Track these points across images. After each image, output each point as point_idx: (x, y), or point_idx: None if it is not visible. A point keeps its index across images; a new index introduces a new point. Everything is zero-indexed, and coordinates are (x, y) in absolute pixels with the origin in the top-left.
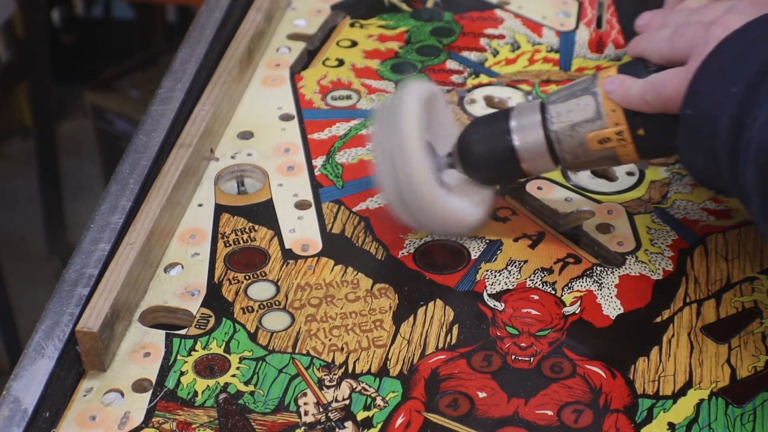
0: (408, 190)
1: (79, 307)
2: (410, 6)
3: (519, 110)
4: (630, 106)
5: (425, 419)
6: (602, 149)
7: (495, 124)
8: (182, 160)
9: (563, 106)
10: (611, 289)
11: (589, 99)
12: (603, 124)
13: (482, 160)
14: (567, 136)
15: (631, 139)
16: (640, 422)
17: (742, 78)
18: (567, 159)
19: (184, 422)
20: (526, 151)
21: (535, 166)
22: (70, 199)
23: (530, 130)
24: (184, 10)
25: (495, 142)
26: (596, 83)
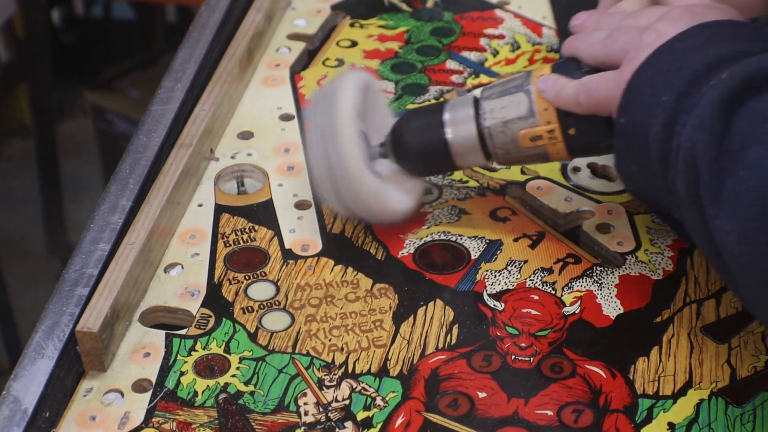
0: (340, 175)
1: (79, 307)
2: (410, 6)
3: (453, 104)
4: (562, 106)
5: (425, 419)
6: (533, 146)
7: (429, 117)
8: (182, 160)
9: (496, 102)
10: (611, 289)
11: (523, 97)
12: (535, 122)
13: (415, 152)
14: (499, 132)
15: (561, 137)
16: (640, 422)
17: (673, 87)
18: (498, 154)
19: (184, 422)
20: (458, 145)
21: (467, 159)
22: (70, 199)
23: (463, 125)
24: (184, 10)
25: (428, 134)
26: (530, 81)
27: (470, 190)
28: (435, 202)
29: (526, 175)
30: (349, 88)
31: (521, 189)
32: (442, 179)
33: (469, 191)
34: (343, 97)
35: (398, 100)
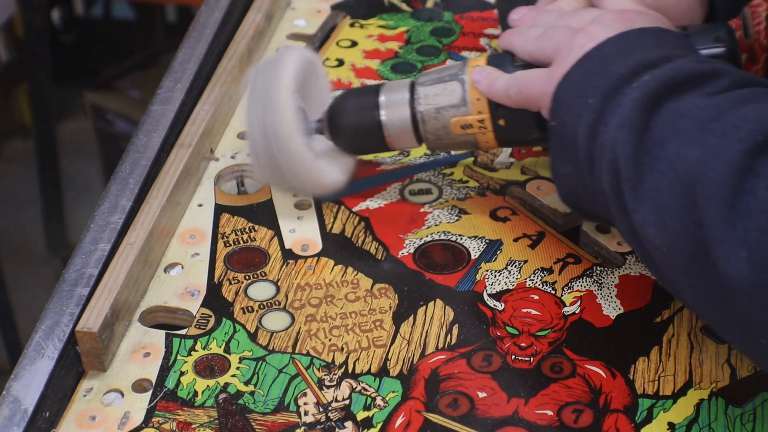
0: (276, 147)
1: (79, 307)
2: (410, 6)
3: (389, 87)
4: (493, 98)
5: (425, 419)
6: (464, 134)
7: (365, 98)
8: (182, 160)
9: (431, 88)
10: (611, 289)
11: (457, 85)
12: (467, 110)
13: (349, 130)
14: (432, 117)
15: (491, 128)
16: (640, 422)
17: (598, 90)
18: (430, 139)
19: (184, 422)
20: (391, 127)
21: (399, 141)
22: (70, 199)
23: (397, 108)
24: (184, 10)
25: (363, 114)
26: (465, 71)
27: (470, 190)
28: (435, 202)
29: (526, 175)
30: (290, 63)
31: (521, 189)
32: (442, 179)
33: (469, 191)
34: (283, 73)
35: None
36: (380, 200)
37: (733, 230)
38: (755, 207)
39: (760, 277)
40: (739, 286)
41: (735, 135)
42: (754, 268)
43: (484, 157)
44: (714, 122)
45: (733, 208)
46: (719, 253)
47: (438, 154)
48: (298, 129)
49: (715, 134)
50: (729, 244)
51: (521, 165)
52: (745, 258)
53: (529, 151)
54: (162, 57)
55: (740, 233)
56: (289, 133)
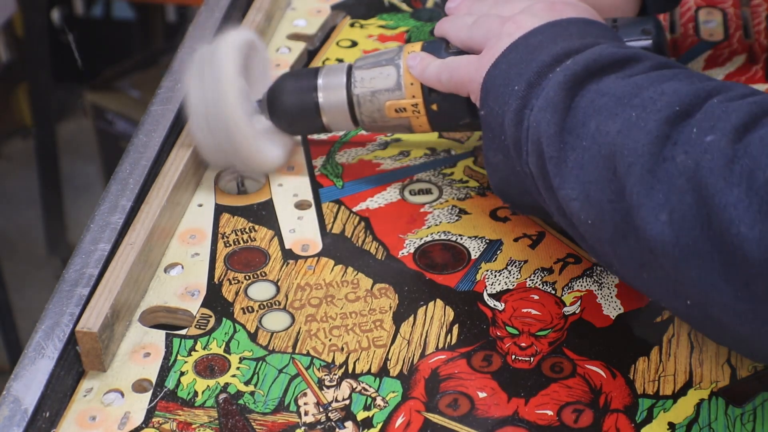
0: (217, 125)
1: (79, 307)
2: (410, 6)
3: (328, 70)
4: (426, 82)
5: (425, 419)
6: (398, 117)
7: (304, 80)
8: (182, 160)
9: (368, 72)
10: (611, 289)
11: (392, 70)
12: (401, 95)
13: (288, 111)
14: (367, 100)
15: (424, 112)
16: (640, 422)
17: (523, 77)
18: (365, 121)
19: (184, 422)
20: (328, 109)
21: (336, 123)
22: (70, 199)
23: (334, 90)
24: (184, 10)
25: (301, 96)
26: (400, 56)
27: (470, 190)
28: (435, 202)
29: None
30: (231, 44)
31: None
32: (442, 179)
33: (469, 191)
34: (225, 53)
35: None
36: (380, 200)
37: (653, 195)
38: (674, 171)
39: (680, 238)
40: (662, 249)
41: (653, 107)
42: (674, 229)
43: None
44: (633, 98)
45: (653, 175)
46: (641, 218)
47: (438, 155)
48: (240, 109)
49: (634, 108)
50: (650, 209)
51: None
52: (666, 221)
53: None
54: (162, 57)
55: (660, 197)
56: (231, 113)
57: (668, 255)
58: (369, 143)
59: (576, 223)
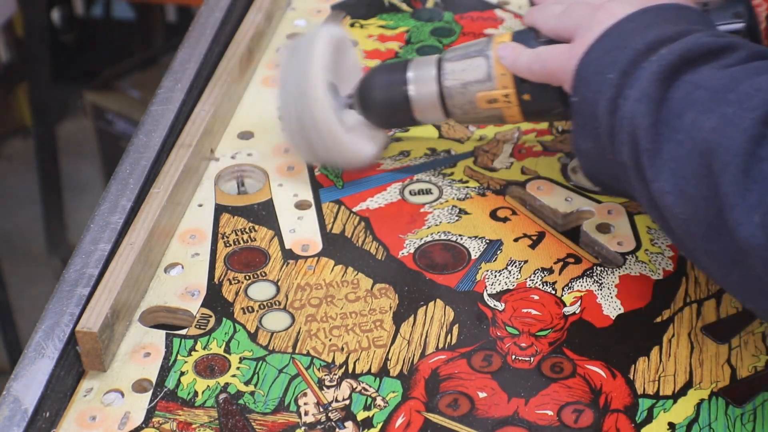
0: (308, 122)
1: (79, 307)
2: (410, 6)
3: (417, 63)
4: (517, 72)
5: (425, 419)
6: (489, 108)
7: (394, 74)
8: (182, 160)
9: (458, 64)
10: (611, 289)
11: (482, 61)
12: (492, 85)
13: (379, 105)
14: (458, 92)
15: (516, 102)
16: (640, 422)
17: (617, 66)
18: (456, 113)
19: (184, 422)
20: (419, 102)
21: (427, 116)
22: (70, 199)
23: (425, 83)
24: (184, 10)
25: (392, 89)
26: (490, 47)
27: (470, 190)
28: (435, 202)
29: (526, 175)
30: (321, 40)
31: (521, 189)
32: (442, 179)
33: (469, 191)
34: (315, 49)
35: None
36: (380, 200)
37: (747, 196)
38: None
39: None
40: (754, 251)
41: (749, 104)
42: (767, 232)
43: (484, 157)
44: (729, 92)
45: (747, 175)
46: (734, 218)
47: (438, 155)
48: (330, 104)
49: (730, 104)
50: (743, 209)
51: (521, 165)
52: (759, 223)
53: (529, 151)
54: (162, 57)
55: (754, 198)
56: (321, 108)
57: (759, 257)
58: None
59: (667, 216)
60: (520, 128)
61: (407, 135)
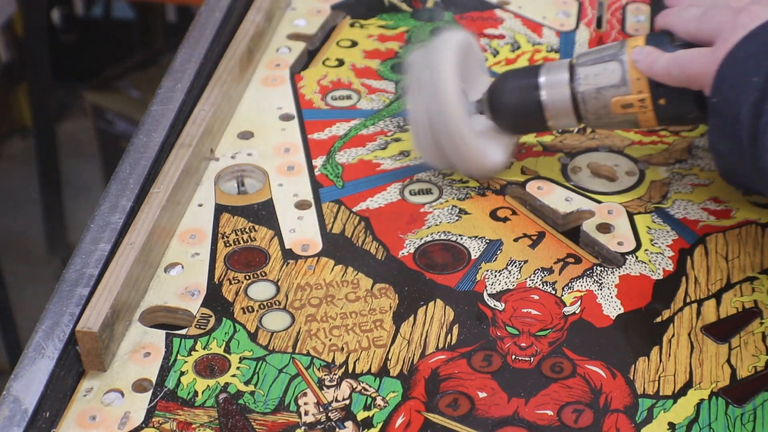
0: (439, 127)
1: (79, 307)
2: (410, 6)
3: (549, 68)
4: (654, 77)
5: (425, 419)
6: (624, 113)
7: (525, 79)
8: (182, 160)
9: (591, 69)
10: (611, 289)
11: (616, 65)
12: (627, 90)
13: (510, 110)
14: (592, 98)
15: (652, 107)
16: (640, 422)
17: (762, 69)
18: (590, 119)
19: (184, 422)
20: (552, 107)
21: (559, 121)
22: (70, 199)
23: (558, 88)
24: (184, 10)
25: (524, 95)
26: (624, 51)
27: (470, 190)
28: (435, 202)
29: (526, 175)
30: (451, 46)
31: (521, 189)
32: (442, 179)
33: (469, 191)
34: (445, 54)
35: (398, 100)
36: (380, 200)
37: None
38: None
39: None
40: None
41: None
42: None
43: None
44: None
45: None
46: None
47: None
48: (461, 110)
49: None
50: None
51: (521, 165)
52: None
53: (529, 151)
54: (162, 57)
55: None
56: (452, 113)
57: None
58: (369, 143)
59: None
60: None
61: (407, 135)
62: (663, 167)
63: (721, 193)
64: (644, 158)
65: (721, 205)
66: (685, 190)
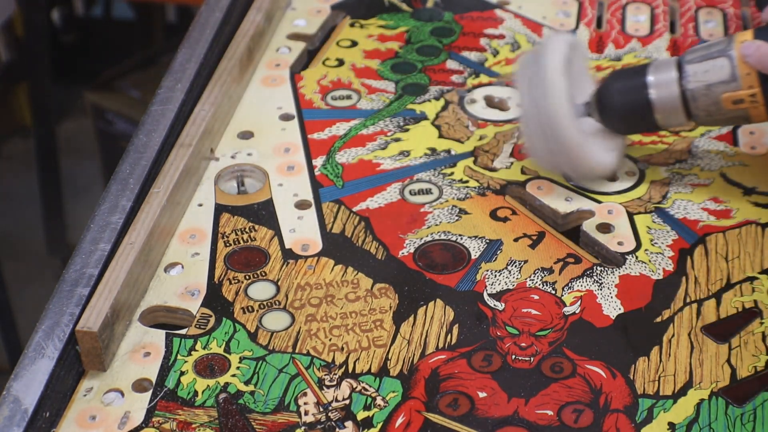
0: (549, 132)
1: (79, 307)
2: (410, 6)
3: (656, 66)
4: (765, 71)
5: (425, 419)
6: (735, 109)
7: (633, 79)
8: (182, 160)
9: (699, 66)
10: (611, 289)
11: (725, 61)
12: (737, 86)
13: (620, 111)
14: (702, 95)
15: (763, 101)
16: (640, 422)
17: None
18: (700, 116)
19: (184, 422)
20: (661, 106)
21: (669, 119)
22: (70, 199)
23: (667, 86)
24: (184, 10)
25: (633, 94)
26: (732, 46)
27: (470, 190)
28: (435, 202)
29: (526, 175)
30: (558, 50)
31: (521, 189)
32: (442, 179)
33: (469, 191)
34: (552, 57)
35: (398, 100)
36: (380, 200)
37: None
38: None
39: None
40: None
41: None
42: None
43: (484, 157)
44: None
45: None
46: None
47: (438, 155)
48: (570, 114)
49: None
50: None
51: (521, 165)
52: None
53: None
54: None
55: None
56: (562, 118)
57: None
58: (369, 143)
59: None
60: (520, 128)
61: (407, 135)
62: (663, 167)
63: (721, 193)
64: (644, 158)
65: (721, 205)
66: (685, 190)
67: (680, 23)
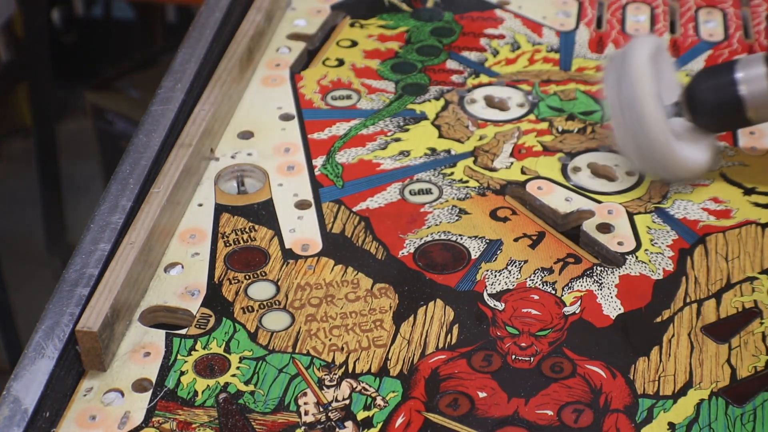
0: (641, 134)
1: (79, 307)
2: (410, 6)
3: (744, 62)
4: None
5: (425, 419)
6: None
7: (721, 76)
8: (182, 160)
9: None
10: (611, 289)
11: None
12: None
13: (711, 109)
14: None
15: None
16: (640, 422)
17: None
18: None
19: (184, 422)
20: (752, 101)
21: (761, 114)
22: (70, 199)
23: (756, 82)
24: (184, 10)
25: (722, 92)
26: None
27: (470, 190)
28: (435, 202)
29: (526, 175)
30: (645, 51)
31: (521, 189)
32: (442, 179)
33: (469, 191)
34: (640, 59)
35: (398, 100)
36: (380, 200)
37: None
38: None
39: None
40: None
41: None
42: None
43: (484, 157)
44: None
45: None
46: None
47: (438, 155)
48: (663, 118)
49: None
50: None
51: (521, 165)
52: None
53: (529, 151)
54: (162, 57)
55: None
56: (655, 122)
57: None
58: (369, 143)
59: None
60: (519, 128)
61: (407, 135)
62: None
63: (721, 193)
64: None
65: (721, 205)
66: (685, 190)
67: (680, 23)
